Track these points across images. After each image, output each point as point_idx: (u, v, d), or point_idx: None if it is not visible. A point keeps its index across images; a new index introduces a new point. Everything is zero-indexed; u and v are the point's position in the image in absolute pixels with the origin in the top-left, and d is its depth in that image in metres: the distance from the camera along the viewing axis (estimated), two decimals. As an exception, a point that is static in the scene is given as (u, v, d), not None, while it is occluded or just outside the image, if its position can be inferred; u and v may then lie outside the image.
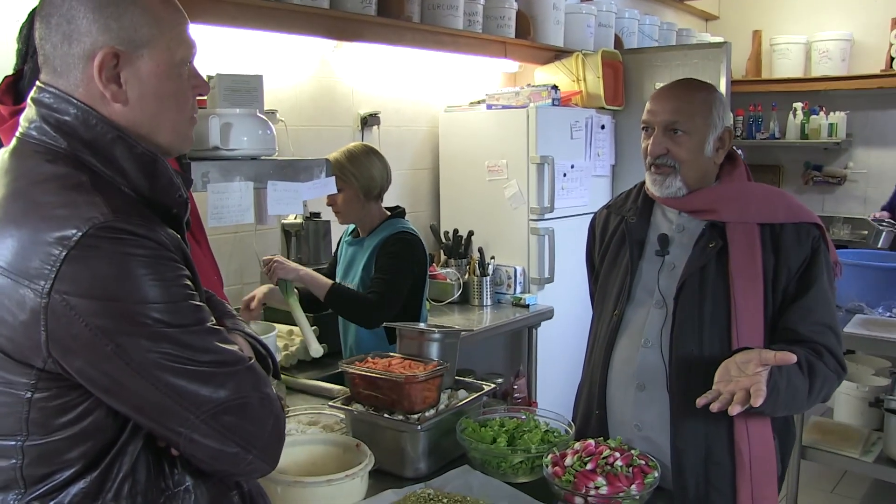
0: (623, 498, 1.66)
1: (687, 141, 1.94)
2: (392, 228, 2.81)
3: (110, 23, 1.14)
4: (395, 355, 2.08)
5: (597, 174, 4.38)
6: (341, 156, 2.78)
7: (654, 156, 1.97)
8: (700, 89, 2.01)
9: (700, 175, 1.98)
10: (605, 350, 2.05)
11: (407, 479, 1.84)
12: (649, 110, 2.00)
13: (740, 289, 1.87)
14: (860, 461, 3.20)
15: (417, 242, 2.82)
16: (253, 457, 1.16)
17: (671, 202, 2.02)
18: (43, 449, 1.09)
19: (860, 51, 6.09)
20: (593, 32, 4.58)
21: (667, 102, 1.98)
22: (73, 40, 1.14)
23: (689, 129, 1.94)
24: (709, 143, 1.95)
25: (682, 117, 1.94)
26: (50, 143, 1.14)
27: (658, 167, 1.98)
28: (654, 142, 1.97)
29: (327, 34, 3.26)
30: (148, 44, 1.16)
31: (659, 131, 1.96)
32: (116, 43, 1.14)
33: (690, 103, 1.96)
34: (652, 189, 2.03)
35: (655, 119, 1.98)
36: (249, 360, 1.18)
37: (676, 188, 1.97)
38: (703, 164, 1.97)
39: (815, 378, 1.80)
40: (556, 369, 4.05)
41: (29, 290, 1.02)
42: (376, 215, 2.86)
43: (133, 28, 1.15)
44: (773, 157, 6.51)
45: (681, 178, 1.96)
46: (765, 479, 1.87)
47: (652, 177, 2.01)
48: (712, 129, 1.95)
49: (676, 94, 2.00)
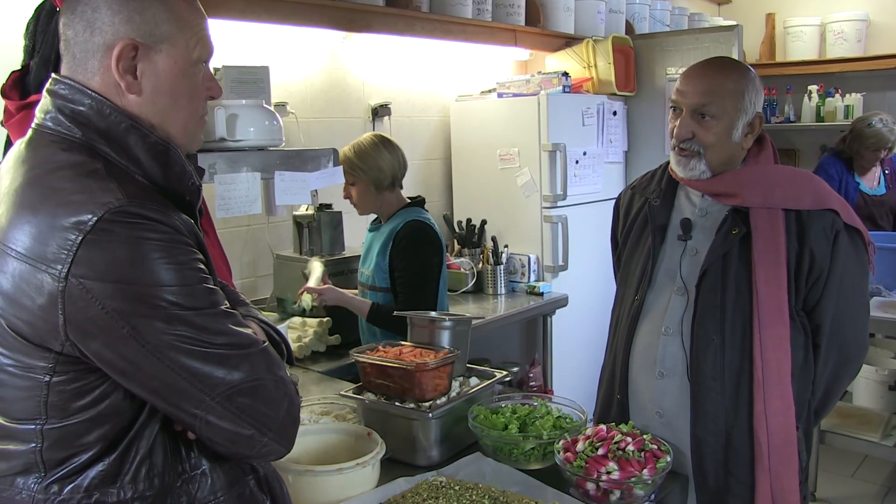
0: (635, 482, 1.65)
1: (715, 125, 1.90)
2: (405, 217, 2.82)
3: (134, 16, 1.16)
4: (406, 344, 2.08)
5: (609, 161, 4.36)
6: (349, 150, 2.81)
7: (680, 139, 1.94)
8: (734, 70, 1.94)
9: (725, 159, 1.94)
10: (626, 336, 2.04)
11: (419, 467, 1.84)
12: (679, 90, 1.95)
13: (763, 277, 1.84)
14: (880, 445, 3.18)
15: (430, 232, 2.83)
16: (268, 439, 1.17)
17: (694, 184, 1.99)
18: (62, 432, 1.11)
19: (876, 31, 6.00)
20: (604, 18, 4.55)
21: (698, 83, 1.92)
22: (95, 29, 1.16)
23: (717, 113, 1.89)
24: (737, 128, 1.91)
25: (712, 99, 1.89)
26: (65, 132, 1.17)
27: (683, 150, 1.95)
28: (680, 124, 1.93)
29: (336, 26, 3.26)
30: (167, 40, 1.19)
31: (687, 114, 1.92)
32: (137, 36, 1.17)
33: (722, 86, 1.90)
34: (676, 169, 2.00)
35: (684, 100, 1.93)
36: (263, 343, 1.20)
37: (700, 171, 1.94)
38: (730, 149, 1.94)
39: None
40: (572, 357, 4.04)
41: (47, 274, 1.04)
42: (393, 203, 2.88)
43: (155, 23, 1.18)
44: (788, 140, 6.44)
45: (705, 161, 1.93)
46: (785, 470, 1.85)
47: (676, 157, 1.98)
48: (742, 115, 1.90)
49: (709, 75, 1.93)
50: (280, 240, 3.45)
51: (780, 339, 1.83)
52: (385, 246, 2.80)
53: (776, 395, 1.83)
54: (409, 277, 2.76)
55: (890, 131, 4.44)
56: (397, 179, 2.87)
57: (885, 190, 4.62)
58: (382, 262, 2.80)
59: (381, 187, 2.82)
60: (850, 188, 4.52)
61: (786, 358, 1.83)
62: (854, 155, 4.51)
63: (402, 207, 2.88)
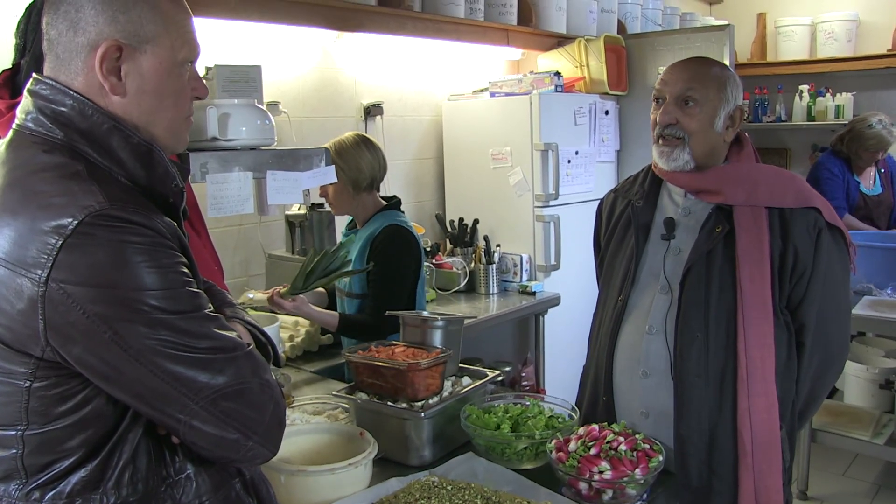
0: (627, 482, 1.65)
1: (698, 113, 1.92)
2: (382, 222, 2.79)
3: (118, 15, 1.15)
4: (399, 343, 2.08)
5: (601, 160, 4.36)
6: (330, 147, 2.76)
7: (664, 125, 1.95)
8: (715, 64, 2.00)
9: (708, 150, 1.96)
10: (609, 336, 2.04)
11: (411, 466, 1.84)
12: (662, 80, 1.98)
13: (747, 274, 1.85)
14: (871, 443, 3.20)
15: (407, 236, 2.80)
16: (253, 443, 1.16)
17: (678, 179, 1.99)
18: (43, 438, 1.09)
19: (866, 31, 6.03)
20: (596, 18, 4.56)
21: (682, 72, 1.96)
22: (78, 29, 1.14)
23: (701, 99, 1.92)
24: (720, 117, 1.93)
25: (695, 85, 1.92)
26: (46, 133, 1.15)
27: (666, 138, 1.96)
28: (663, 110, 1.95)
29: (328, 25, 3.25)
30: (152, 40, 1.17)
31: (671, 101, 1.95)
32: (121, 36, 1.15)
33: (705, 74, 1.95)
34: (659, 162, 2.01)
35: (667, 88, 1.96)
36: (248, 347, 1.19)
37: (684, 161, 1.95)
38: (712, 139, 1.95)
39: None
40: (564, 356, 4.04)
41: (26, 279, 1.03)
42: (369, 206, 2.85)
43: (140, 23, 1.16)
44: (779, 139, 6.46)
45: (689, 150, 1.94)
46: (768, 468, 1.86)
47: (659, 149, 1.98)
48: (724, 104, 1.93)
49: (691, 66, 1.99)
50: (272, 239, 3.45)
51: (765, 337, 1.84)
52: (363, 252, 2.77)
53: (760, 393, 1.83)
54: (381, 280, 2.72)
55: (889, 133, 4.48)
56: (375, 181, 2.83)
57: (881, 189, 4.66)
58: (359, 267, 2.76)
59: (359, 188, 2.79)
60: (852, 187, 4.56)
61: (770, 355, 1.84)
62: (852, 155, 4.54)
63: (378, 210, 2.84)
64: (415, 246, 2.82)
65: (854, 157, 4.54)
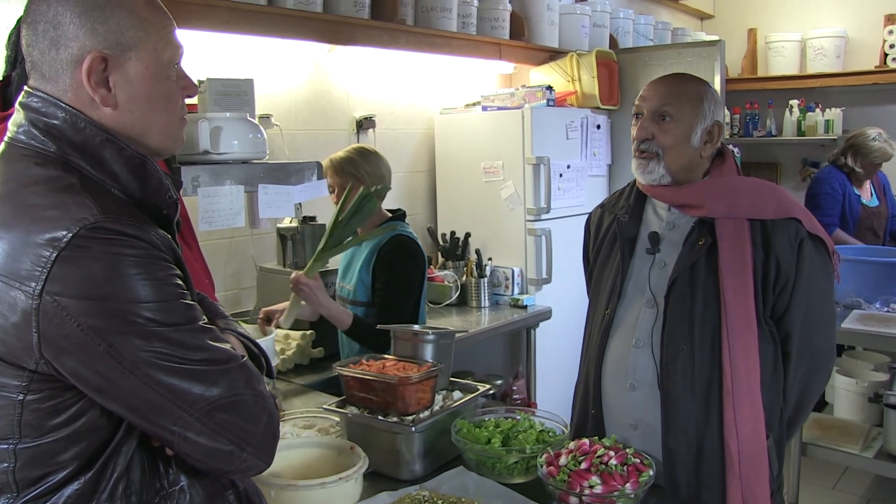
0: (618, 496, 1.65)
1: (673, 128, 1.95)
2: (390, 232, 2.79)
3: (97, 27, 1.14)
4: (390, 357, 2.08)
5: (593, 174, 4.37)
6: (353, 153, 2.77)
7: (640, 139, 1.99)
8: (692, 81, 2.03)
9: (684, 164, 1.98)
10: (598, 350, 2.05)
11: (402, 480, 1.84)
12: (641, 96, 2.02)
13: (730, 286, 1.87)
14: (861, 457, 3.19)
15: (415, 247, 2.81)
16: (247, 454, 1.16)
17: (660, 194, 2.01)
18: (36, 451, 1.09)
19: (854, 47, 6.09)
20: (588, 33, 4.58)
21: (658, 88, 2.00)
22: (60, 46, 1.14)
23: (676, 114, 1.94)
24: (696, 132, 1.95)
25: (670, 100, 1.95)
26: (39, 146, 1.15)
27: (642, 153, 1.99)
28: (640, 126, 1.99)
29: (321, 38, 3.26)
30: (135, 46, 1.17)
31: (647, 116, 1.98)
32: (104, 47, 1.14)
33: (682, 90, 1.98)
34: (637, 175, 2.04)
35: (645, 104, 1.99)
36: (242, 358, 1.19)
37: (659, 175, 1.97)
38: (688, 154, 1.97)
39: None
40: (555, 370, 4.04)
41: (20, 291, 1.02)
42: (377, 216, 2.85)
43: (120, 31, 1.15)
44: (770, 154, 6.50)
45: (664, 164, 1.97)
46: (756, 478, 1.86)
47: (636, 162, 2.02)
48: (700, 120, 1.96)
49: (668, 82, 2.02)
50: (264, 252, 3.44)
51: (749, 348, 1.85)
52: (368, 260, 2.77)
53: (746, 403, 1.84)
54: (389, 291, 2.72)
55: (889, 145, 4.61)
56: (385, 192, 2.84)
57: (878, 202, 4.74)
58: (366, 277, 2.77)
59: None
60: (853, 200, 4.64)
61: (754, 366, 1.85)
62: (856, 168, 4.62)
63: (384, 221, 2.86)
64: (420, 257, 2.82)
65: (857, 171, 4.62)
